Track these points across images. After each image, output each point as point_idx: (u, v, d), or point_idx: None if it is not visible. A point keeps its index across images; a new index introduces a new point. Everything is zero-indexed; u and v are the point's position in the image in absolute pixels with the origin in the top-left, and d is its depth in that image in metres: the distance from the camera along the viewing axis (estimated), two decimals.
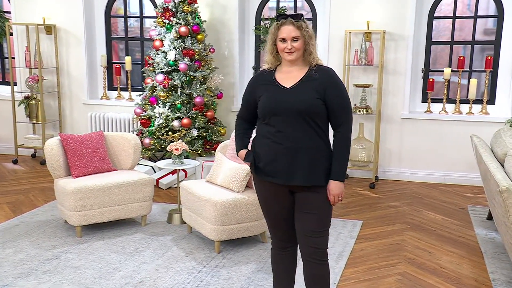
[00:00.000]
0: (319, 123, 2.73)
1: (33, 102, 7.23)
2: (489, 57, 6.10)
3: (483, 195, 5.81)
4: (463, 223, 4.93)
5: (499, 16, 6.12)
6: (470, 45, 6.35)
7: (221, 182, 4.39)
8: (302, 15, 2.76)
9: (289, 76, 2.79)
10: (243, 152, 2.90)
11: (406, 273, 3.85)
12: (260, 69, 2.94)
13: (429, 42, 6.36)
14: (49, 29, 7.23)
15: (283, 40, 2.73)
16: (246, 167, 4.27)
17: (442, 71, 6.31)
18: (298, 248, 3.03)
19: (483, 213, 5.14)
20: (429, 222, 4.94)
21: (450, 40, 6.36)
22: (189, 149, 5.91)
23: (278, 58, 2.83)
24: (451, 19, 6.33)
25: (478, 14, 6.25)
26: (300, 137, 2.71)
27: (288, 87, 2.76)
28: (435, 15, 6.33)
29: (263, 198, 2.93)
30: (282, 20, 2.75)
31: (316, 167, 2.74)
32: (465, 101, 6.34)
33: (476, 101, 6.26)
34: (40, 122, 7.21)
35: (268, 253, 4.18)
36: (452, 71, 6.23)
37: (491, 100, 6.29)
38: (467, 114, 6.21)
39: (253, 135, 3.01)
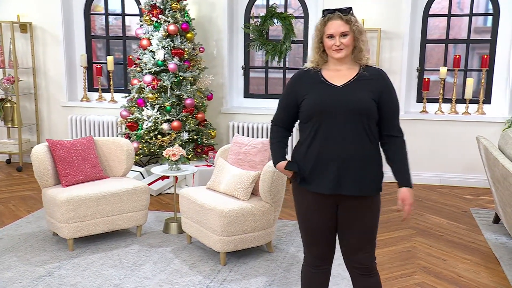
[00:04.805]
0: (371, 126, 2.50)
1: (8, 104, 6.81)
2: (485, 56, 6.01)
3: (483, 196, 5.72)
4: (469, 227, 4.79)
5: (495, 14, 6.03)
6: (461, 44, 6.26)
7: (225, 190, 4.14)
8: (351, 8, 2.52)
9: (338, 75, 2.54)
10: (283, 163, 2.62)
11: (425, 284, 3.68)
12: (303, 68, 2.67)
13: (424, 41, 6.24)
14: (24, 27, 6.83)
15: (331, 37, 2.49)
16: (251, 173, 4.03)
17: (437, 70, 6.20)
18: (332, 267, 2.80)
19: (488, 216, 5.03)
20: (435, 227, 4.80)
21: (444, 38, 6.25)
22: None
23: (324, 57, 2.57)
24: (446, 17, 6.21)
25: (469, 12, 6.15)
26: (350, 141, 2.46)
27: (339, 85, 2.51)
28: (429, 13, 6.20)
29: (304, 210, 2.64)
30: (329, 15, 2.51)
31: (368, 175, 2.50)
32: (459, 100, 6.23)
33: (470, 101, 6.16)
34: (16, 126, 6.81)
35: (277, 264, 3.95)
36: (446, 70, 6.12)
37: (487, 100, 6.20)
38: (464, 114, 6.11)
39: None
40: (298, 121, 2.66)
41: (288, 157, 2.68)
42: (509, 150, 4.19)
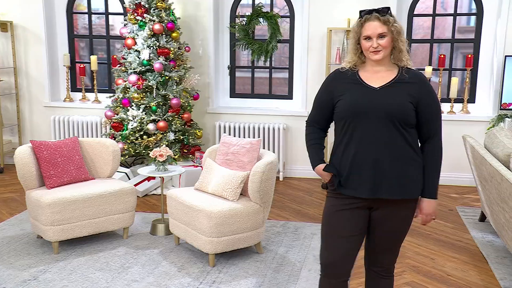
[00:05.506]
0: (409, 130, 2.42)
1: None
2: (469, 55, 6.05)
3: (468, 195, 5.76)
4: (456, 226, 4.82)
5: (478, 14, 6.08)
6: (444, 44, 6.30)
7: (213, 190, 4.09)
8: (389, 8, 2.43)
9: (377, 76, 2.47)
10: (321, 166, 2.54)
11: (415, 283, 3.68)
12: (339, 68, 2.59)
13: (409, 40, 6.26)
14: (5, 26, 6.70)
15: (368, 38, 2.41)
16: (240, 174, 4.00)
17: (423, 69, 6.22)
18: (349, 282, 2.67)
19: (474, 215, 5.06)
20: (423, 225, 4.80)
21: (429, 38, 6.29)
22: None
23: (362, 57, 2.50)
24: (430, 17, 6.25)
25: (452, 12, 6.19)
26: (386, 143, 2.39)
27: (376, 87, 2.44)
28: (414, 13, 6.23)
29: (334, 212, 2.53)
30: (365, 16, 2.42)
31: (406, 178, 2.42)
32: (444, 100, 6.27)
33: (455, 100, 6.20)
34: None
35: (266, 265, 3.92)
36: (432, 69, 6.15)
37: (471, 99, 6.25)
38: (449, 113, 6.14)
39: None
40: (334, 122, 2.59)
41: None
42: (495, 149, 4.21)
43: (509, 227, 3.62)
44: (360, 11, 2.48)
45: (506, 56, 5.75)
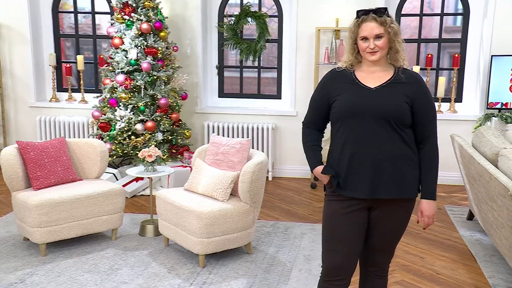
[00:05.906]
0: (405, 129, 2.41)
1: None
2: (456, 55, 6.09)
3: (456, 194, 5.80)
4: (445, 224, 4.85)
5: (465, 14, 6.12)
6: (431, 43, 6.33)
7: (203, 191, 4.07)
8: (386, 8, 2.41)
9: (373, 76, 2.46)
10: (320, 168, 2.53)
11: (405, 282, 3.69)
12: (335, 68, 2.58)
13: None
14: None
15: (365, 39, 2.40)
16: (230, 174, 3.98)
17: (410, 69, 6.24)
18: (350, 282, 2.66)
19: (462, 213, 5.09)
20: (412, 224, 4.79)
21: (416, 38, 6.32)
22: None
23: (358, 57, 2.50)
24: (417, 17, 6.28)
25: (439, 12, 6.23)
26: (383, 143, 2.38)
27: (372, 87, 2.43)
28: (402, 13, 6.26)
29: (335, 215, 2.52)
30: (362, 17, 2.42)
31: (404, 178, 2.42)
32: None
33: (442, 99, 6.23)
34: None
35: (256, 266, 3.91)
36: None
37: (458, 98, 6.29)
38: (436, 112, 6.16)
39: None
40: (330, 122, 2.59)
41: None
42: (483, 147, 4.24)
43: (497, 225, 3.64)
44: (357, 11, 2.46)
45: (492, 55, 5.79)
